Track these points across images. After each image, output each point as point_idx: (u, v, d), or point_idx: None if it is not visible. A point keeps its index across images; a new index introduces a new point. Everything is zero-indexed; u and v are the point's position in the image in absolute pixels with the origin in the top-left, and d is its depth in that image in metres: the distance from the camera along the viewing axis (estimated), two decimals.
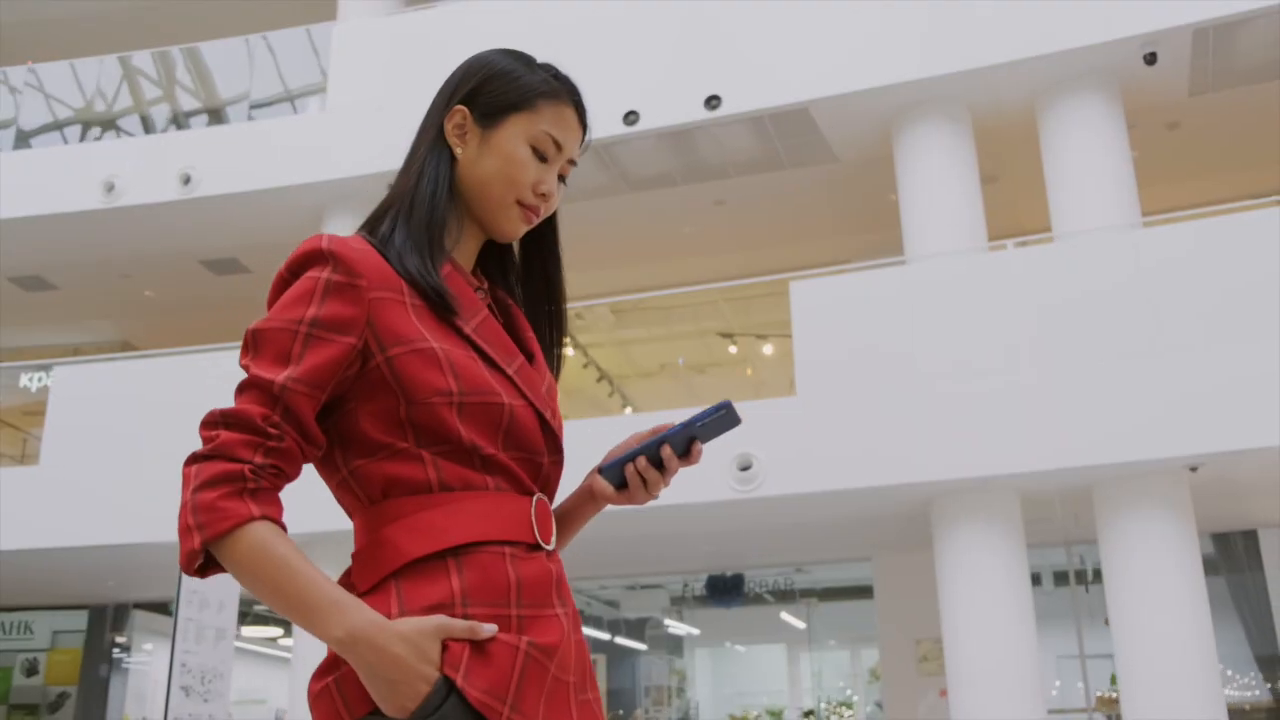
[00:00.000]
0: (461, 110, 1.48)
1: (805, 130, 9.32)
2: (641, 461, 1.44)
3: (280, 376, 1.29)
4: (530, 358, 1.48)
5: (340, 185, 10.16)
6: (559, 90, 1.49)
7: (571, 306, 1.63)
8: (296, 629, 9.47)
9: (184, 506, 1.26)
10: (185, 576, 7.27)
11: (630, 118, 9.38)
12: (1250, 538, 9.99)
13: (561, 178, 1.51)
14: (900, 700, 10.98)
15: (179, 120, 11.50)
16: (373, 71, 10.51)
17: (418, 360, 1.33)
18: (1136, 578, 7.69)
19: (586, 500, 1.52)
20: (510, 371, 1.40)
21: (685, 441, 1.42)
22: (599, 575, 12.77)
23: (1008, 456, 7.69)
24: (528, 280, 1.59)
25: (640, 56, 9.64)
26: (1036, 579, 12.04)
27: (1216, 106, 9.32)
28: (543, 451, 1.41)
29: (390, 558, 1.30)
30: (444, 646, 1.24)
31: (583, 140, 1.52)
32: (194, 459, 1.28)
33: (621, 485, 1.47)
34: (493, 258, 1.58)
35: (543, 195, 1.47)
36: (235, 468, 1.25)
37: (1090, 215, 8.47)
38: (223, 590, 7.51)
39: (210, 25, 11.78)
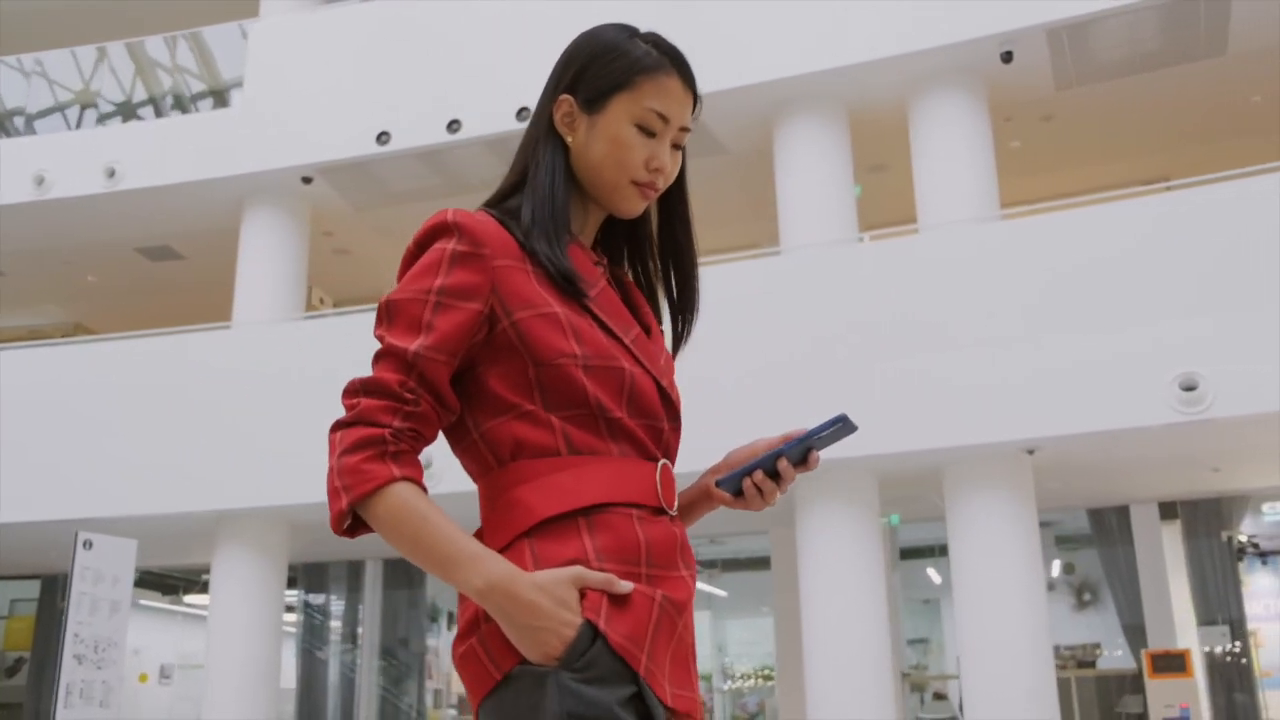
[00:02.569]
0: (566, 99, 1.51)
1: None
2: (759, 475, 1.48)
3: (413, 344, 1.35)
4: (647, 331, 1.53)
5: (258, 178, 10.61)
6: (659, 62, 1.50)
7: None
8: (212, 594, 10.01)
9: (330, 470, 1.33)
10: (78, 553, 7.80)
11: (522, 114, 9.79)
12: (1123, 513, 10.40)
13: (677, 145, 1.53)
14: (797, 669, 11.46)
15: (103, 115, 11.98)
16: (290, 67, 10.92)
17: (543, 324, 1.38)
18: (978, 553, 8.14)
19: (702, 499, 1.55)
20: (627, 341, 1.45)
21: (802, 451, 1.48)
22: None
23: (864, 440, 8.10)
24: (662, 245, 1.61)
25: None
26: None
27: (1086, 99, 9.65)
28: (663, 418, 1.45)
29: (522, 517, 1.34)
30: (581, 594, 1.28)
31: (694, 106, 1.53)
32: (338, 426, 1.35)
33: (737, 494, 1.51)
34: (617, 233, 1.61)
35: (656, 170, 1.50)
36: (376, 432, 1.32)
37: (954, 208, 8.85)
38: (117, 564, 8.03)
39: (132, 22, 12.22)
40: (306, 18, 11.23)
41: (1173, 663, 9.42)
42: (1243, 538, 12.30)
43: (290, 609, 12.87)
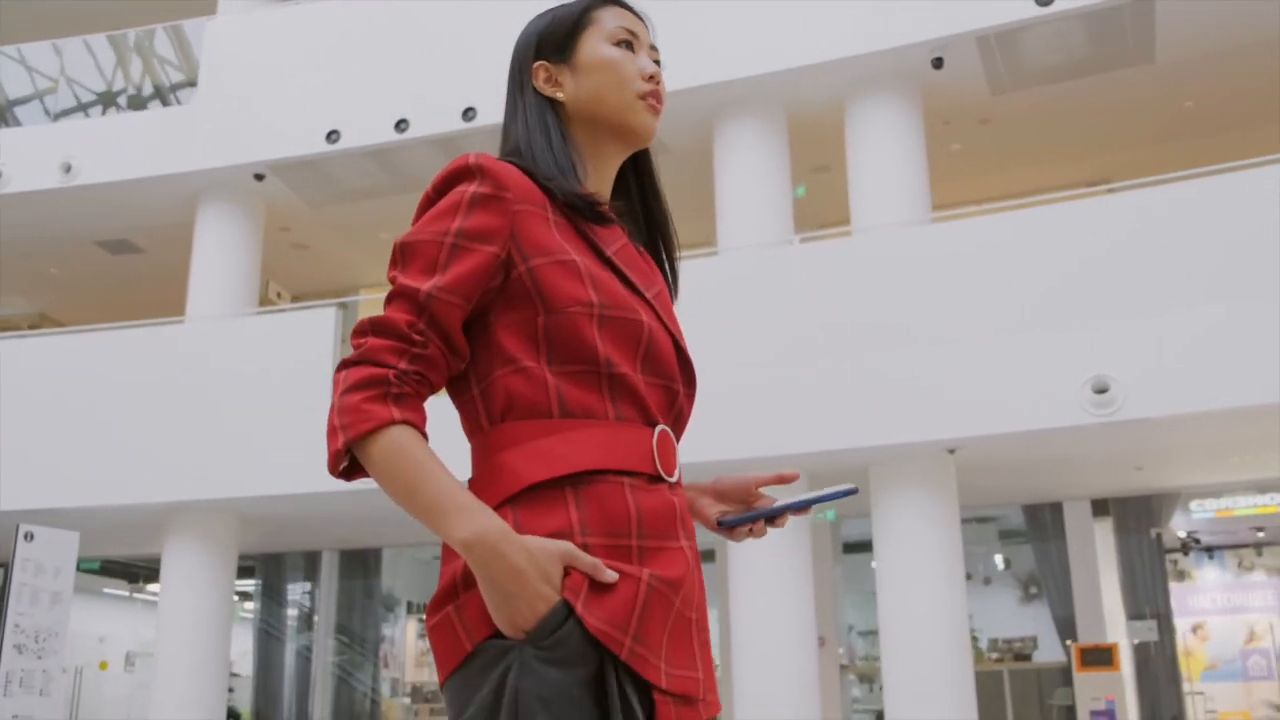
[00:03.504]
0: (541, 64, 1.51)
1: None
2: (760, 523, 1.48)
3: (426, 285, 1.31)
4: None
5: (212, 175, 10.78)
6: (598, 0, 1.53)
7: None
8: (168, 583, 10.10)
9: (331, 409, 1.28)
10: (19, 545, 7.98)
11: (468, 114, 9.96)
12: (1057, 509, 10.62)
13: (656, 63, 1.53)
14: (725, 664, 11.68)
15: (60, 111, 12.13)
16: (244, 65, 11.07)
17: (560, 270, 1.35)
18: (901, 549, 8.34)
19: (687, 512, 1.49)
20: (649, 295, 1.42)
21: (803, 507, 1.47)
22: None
23: (795, 438, 8.32)
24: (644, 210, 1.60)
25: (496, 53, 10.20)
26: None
27: (1022, 103, 9.82)
28: (678, 379, 1.42)
29: (508, 482, 1.30)
30: (566, 572, 1.23)
31: (645, 25, 1.55)
32: (344, 364, 1.31)
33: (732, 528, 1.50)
34: (627, 201, 1.59)
35: (651, 78, 1.50)
36: (380, 372, 1.27)
37: (887, 211, 9.02)
38: (59, 556, 8.21)
39: (91, 19, 12.37)
40: (261, 16, 11.37)
41: (1100, 656, 9.63)
42: (1182, 534, 12.54)
43: (248, 597, 13.08)
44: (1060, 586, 10.52)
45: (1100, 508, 10.69)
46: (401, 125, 10.18)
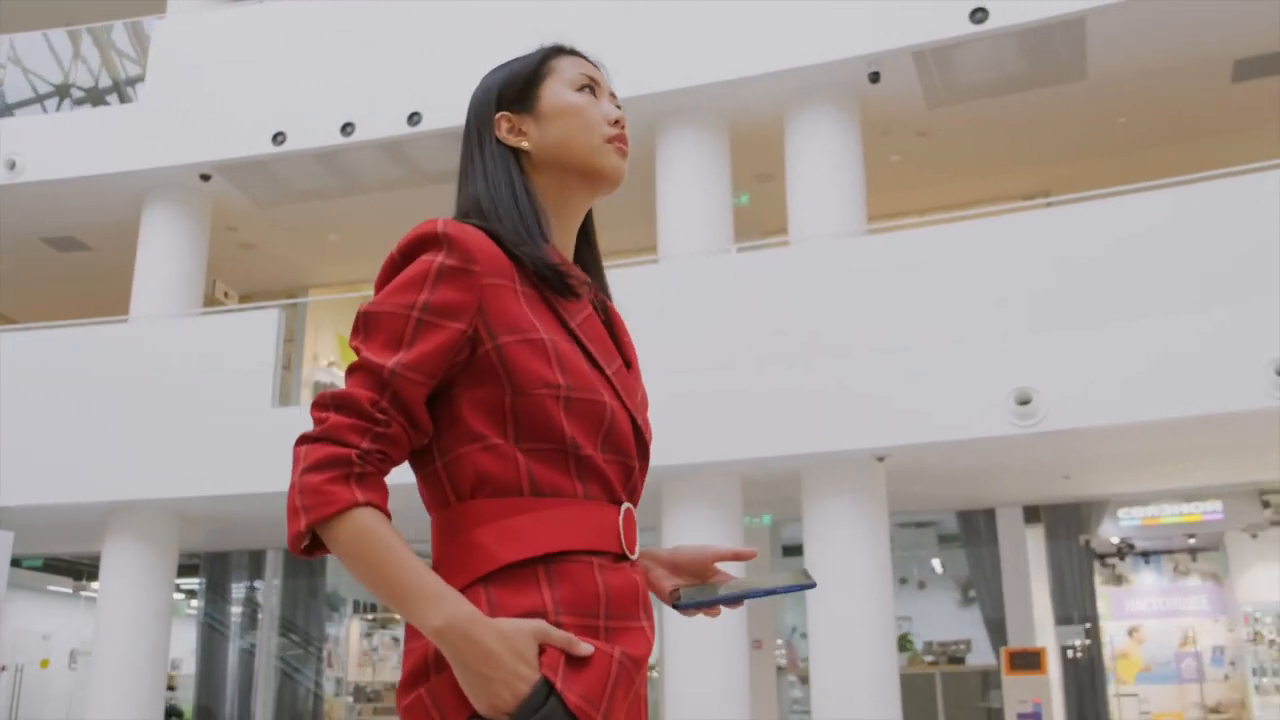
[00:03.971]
0: (503, 115, 1.50)
1: None
2: (718, 608, 1.46)
3: (390, 362, 1.29)
4: (627, 364, 1.49)
5: (158, 174, 10.79)
6: (555, 49, 1.55)
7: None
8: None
9: (292, 488, 1.27)
10: None
11: (414, 118, 10.03)
12: (990, 516, 10.83)
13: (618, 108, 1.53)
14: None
15: (4, 107, 12.11)
16: (192, 65, 11.09)
17: (528, 350, 1.33)
18: (831, 554, 8.50)
19: (647, 591, 1.48)
20: (609, 373, 1.41)
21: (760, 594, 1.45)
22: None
23: (730, 445, 8.45)
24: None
25: (430, 59, 10.27)
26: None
27: (960, 117, 10.00)
28: (634, 456, 1.41)
29: (481, 561, 1.29)
30: (540, 649, 1.23)
31: (601, 70, 1.56)
32: (303, 440, 1.29)
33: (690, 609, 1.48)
34: (585, 253, 1.58)
35: (616, 122, 1.50)
36: (343, 452, 1.25)
37: (824, 221, 9.17)
38: None
39: (40, 16, 12.34)
40: (210, 16, 11.40)
41: (1029, 660, 9.83)
42: (1115, 540, 12.79)
43: (193, 595, 13.10)
44: (992, 591, 10.73)
45: (1032, 514, 10.91)
46: (348, 129, 10.23)
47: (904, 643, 12.06)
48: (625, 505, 1.38)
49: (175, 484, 9.61)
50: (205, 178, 10.78)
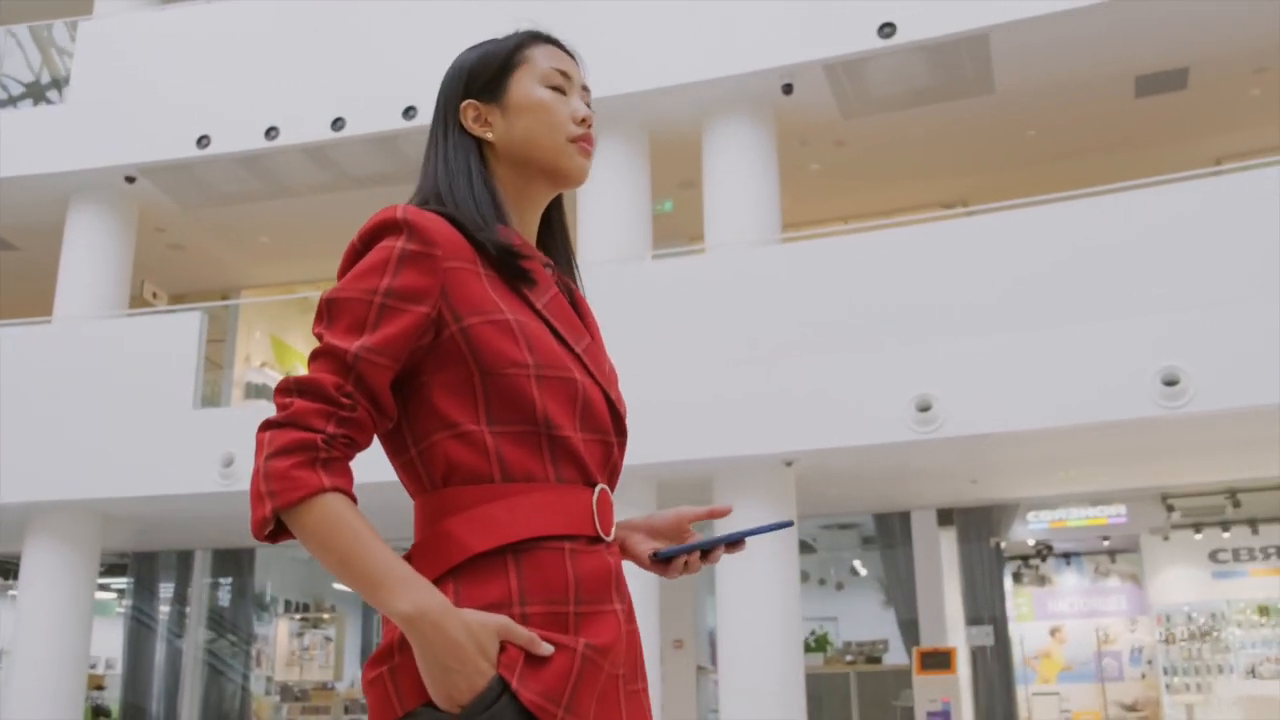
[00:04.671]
0: (470, 103, 1.49)
1: None
2: (694, 556, 1.48)
3: (354, 345, 1.29)
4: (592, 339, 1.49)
5: (84, 175, 10.81)
6: (531, 36, 1.52)
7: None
8: None
9: (256, 473, 1.25)
10: None
11: (337, 124, 10.13)
12: (905, 518, 11.06)
13: (586, 105, 1.52)
14: None
15: None
16: (118, 67, 11.12)
17: (493, 330, 1.33)
18: (738, 555, 8.66)
19: (622, 573, 1.49)
20: (579, 349, 1.41)
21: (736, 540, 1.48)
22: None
23: (644, 449, 8.55)
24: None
25: (351, 65, 10.37)
26: None
27: (876, 127, 10.21)
28: (611, 431, 1.41)
29: (452, 551, 1.29)
30: (501, 647, 1.24)
31: (577, 63, 1.54)
32: (267, 425, 1.28)
33: (667, 563, 1.50)
34: (549, 240, 1.57)
35: (583, 121, 1.49)
36: (308, 436, 1.25)
37: (739, 229, 9.35)
38: None
39: None
40: (135, 18, 11.42)
41: (939, 659, 10.06)
42: (1030, 542, 13.07)
43: (120, 594, 13.11)
44: (906, 592, 10.96)
45: (945, 517, 11.15)
46: (272, 133, 10.31)
47: (821, 642, 12.28)
48: (600, 486, 1.38)
49: (96, 485, 9.66)
50: (130, 180, 10.81)
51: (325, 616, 13.45)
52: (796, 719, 8.39)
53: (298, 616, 13.65)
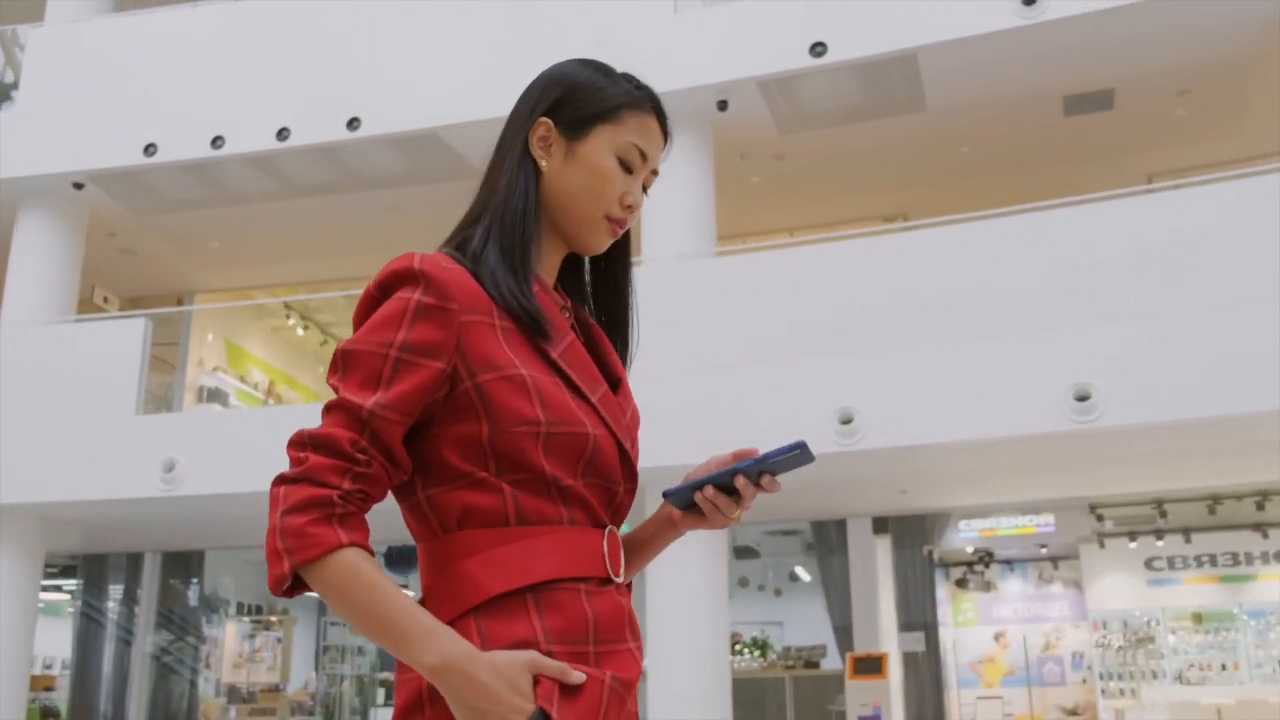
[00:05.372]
0: (546, 122, 1.47)
1: (440, 150, 10.27)
2: (710, 490, 1.44)
3: (369, 402, 1.29)
4: (615, 384, 1.49)
5: (32, 181, 10.90)
6: (642, 100, 1.50)
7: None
8: None
9: (272, 530, 1.25)
10: None
11: (282, 134, 10.26)
12: (841, 526, 11.27)
13: (644, 187, 1.51)
14: None
15: None
16: (67, 74, 11.21)
17: (507, 388, 1.33)
18: (667, 561, 8.84)
19: (667, 527, 1.52)
20: (594, 400, 1.40)
21: (757, 473, 1.43)
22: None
23: None
24: (596, 290, 1.58)
25: (294, 76, 10.50)
26: None
27: (815, 142, 10.39)
28: (619, 480, 1.41)
29: (470, 593, 1.30)
30: (535, 680, 1.24)
31: (664, 148, 1.54)
32: (282, 480, 1.28)
33: (688, 508, 1.48)
34: (570, 272, 1.56)
35: (629, 208, 1.48)
36: (324, 493, 1.25)
37: (676, 242, 9.52)
38: None
39: None
40: (86, 26, 11.52)
41: (872, 665, 10.25)
42: (970, 549, 13.29)
43: (72, 595, 13.21)
44: (843, 598, 11.16)
45: (880, 525, 11.36)
46: (218, 141, 10.43)
47: (762, 646, 12.47)
48: (609, 529, 1.39)
49: (39, 488, 9.76)
50: (79, 186, 10.91)
51: (274, 619, 13.57)
52: None
53: (249, 619, 13.77)
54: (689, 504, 1.47)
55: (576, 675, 1.27)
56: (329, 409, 1.32)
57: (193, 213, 11.61)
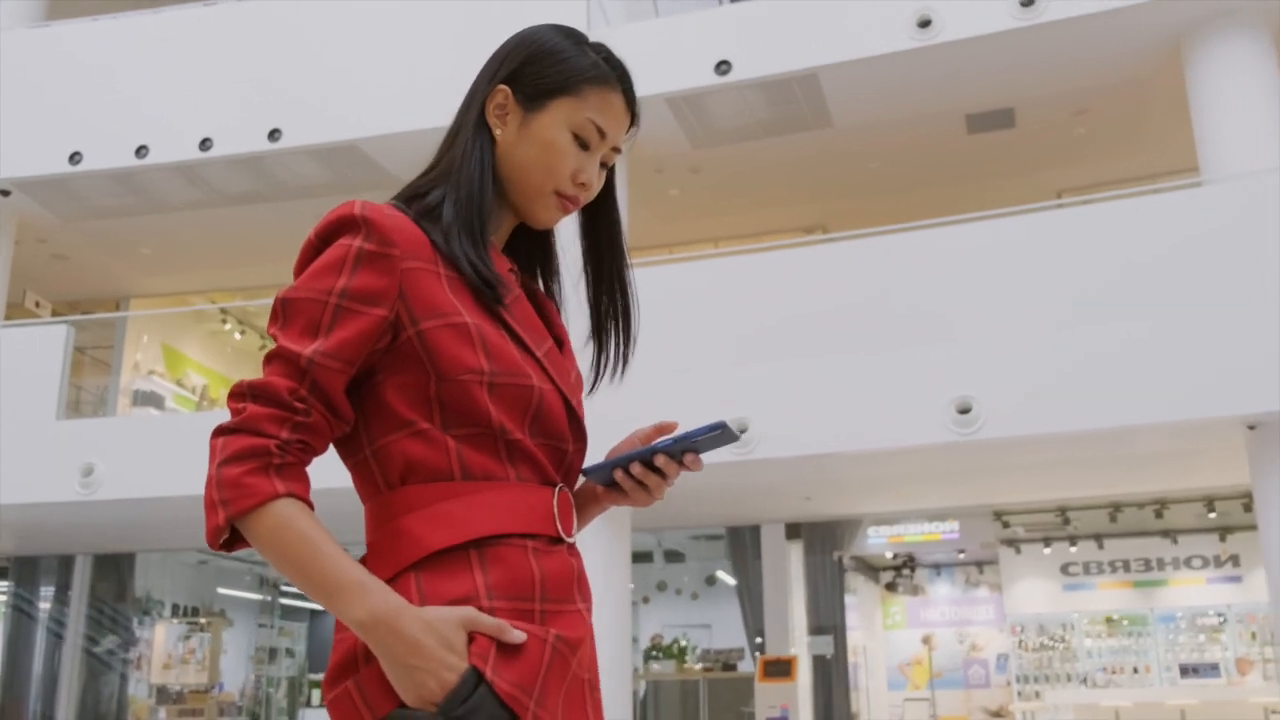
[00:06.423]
0: (504, 90, 1.44)
1: (361, 161, 10.46)
2: (637, 467, 1.41)
3: (308, 349, 1.25)
4: (559, 344, 1.46)
5: None
6: (607, 75, 1.44)
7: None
8: None
9: (209, 481, 1.22)
10: None
11: (205, 144, 10.42)
12: (755, 531, 11.51)
13: (604, 164, 1.47)
14: None
15: None
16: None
17: (451, 334, 1.30)
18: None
19: (591, 501, 1.49)
20: (540, 354, 1.37)
21: (680, 451, 1.40)
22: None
23: None
24: (591, 252, 1.54)
25: (219, 87, 10.67)
26: None
27: (729, 156, 10.62)
28: (568, 438, 1.38)
29: (409, 548, 1.26)
30: (470, 638, 1.21)
31: (630, 127, 1.49)
32: (220, 431, 1.24)
33: (609, 485, 1.45)
34: (523, 241, 1.53)
35: (582, 185, 1.44)
36: (262, 443, 1.22)
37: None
38: None
39: None
40: (9, 36, 11.63)
41: (781, 668, 10.48)
42: (889, 554, 13.56)
43: (1, 596, 13.32)
44: (757, 602, 11.40)
45: (793, 531, 11.61)
46: (142, 151, 10.58)
47: (678, 651, 12.70)
48: (559, 486, 1.36)
49: None
50: (5, 193, 11.05)
51: (203, 621, 13.72)
52: None
53: (182, 620, 13.91)
54: (609, 481, 1.44)
55: (515, 634, 1.22)
56: (268, 358, 1.29)
57: (122, 219, 11.75)
